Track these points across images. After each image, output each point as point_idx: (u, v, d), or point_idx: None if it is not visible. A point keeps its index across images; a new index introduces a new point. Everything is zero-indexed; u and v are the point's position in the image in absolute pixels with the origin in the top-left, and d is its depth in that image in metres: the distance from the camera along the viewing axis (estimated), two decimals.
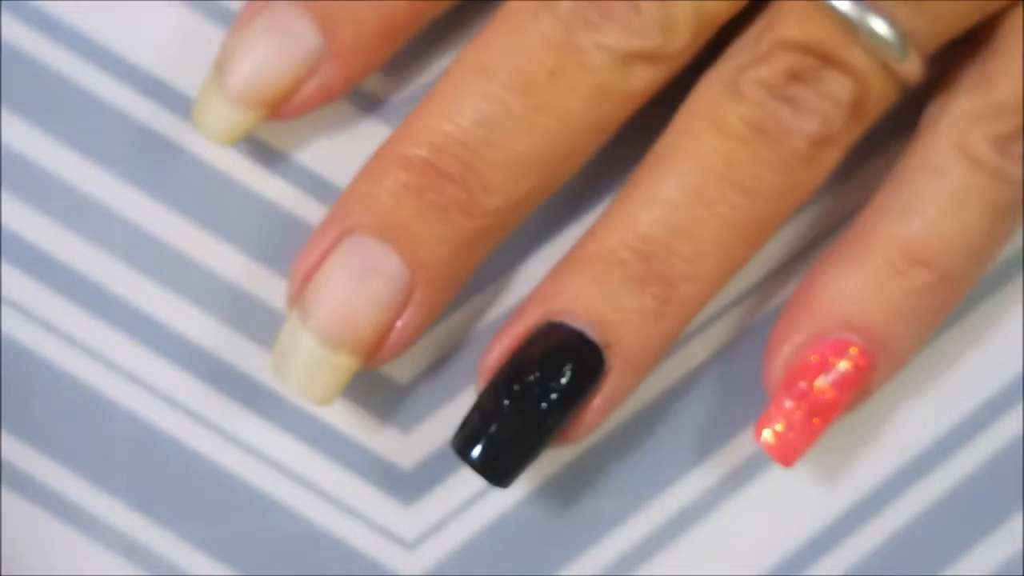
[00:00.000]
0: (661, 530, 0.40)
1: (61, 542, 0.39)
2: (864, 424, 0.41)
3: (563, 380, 0.37)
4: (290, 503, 0.40)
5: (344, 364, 0.38)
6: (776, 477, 0.41)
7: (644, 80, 0.37)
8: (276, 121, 0.39)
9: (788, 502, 0.40)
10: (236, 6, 0.41)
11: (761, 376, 0.38)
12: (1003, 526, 0.40)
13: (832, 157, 0.38)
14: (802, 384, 0.38)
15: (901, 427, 0.41)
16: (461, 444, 0.37)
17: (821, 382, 0.38)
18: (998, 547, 0.40)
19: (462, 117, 0.37)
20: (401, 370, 0.40)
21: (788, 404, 0.38)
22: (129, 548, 0.40)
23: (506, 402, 0.37)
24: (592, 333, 0.37)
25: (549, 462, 0.40)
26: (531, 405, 0.37)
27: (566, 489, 0.40)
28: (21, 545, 0.39)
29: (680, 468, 0.40)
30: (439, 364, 0.41)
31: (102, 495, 0.40)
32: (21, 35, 0.40)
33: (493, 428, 0.37)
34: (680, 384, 0.41)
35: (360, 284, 0.37)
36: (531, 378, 0.37)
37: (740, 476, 0.40)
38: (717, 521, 0.40)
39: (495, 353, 0.38)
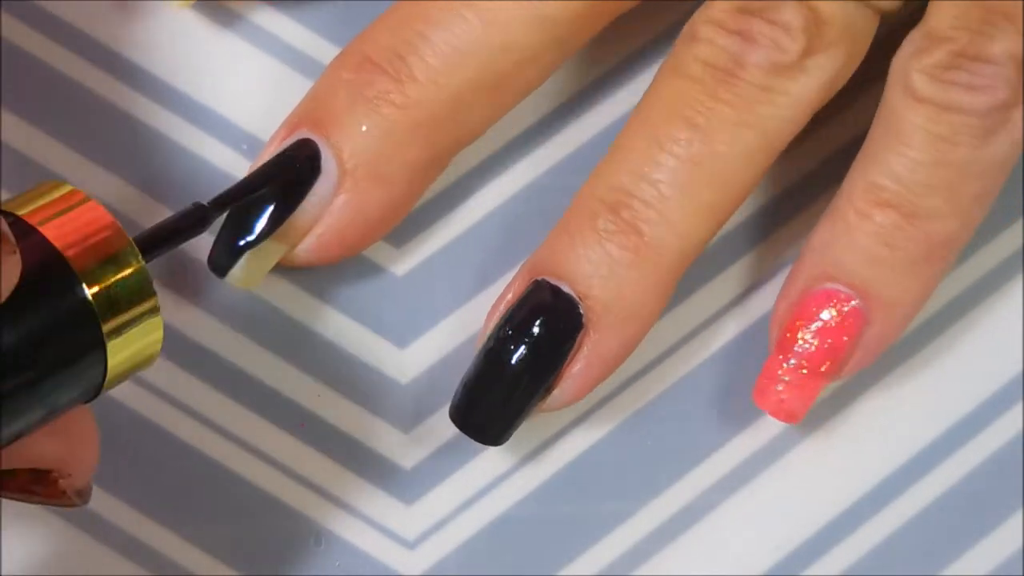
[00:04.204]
0: (661, 530, 0.40)
1: (62, 541, 0.39)
2: (864, 423, 0.41)
3: (536, 335, 0.38)
4: (291, 502, 0.40)
5: (267, 249, 0.38)
6: (775, 477, 0.41)
7: None
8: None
9: (787, 502, 0.40)
10: (234, 6, 0.41)
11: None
12: (1003, 525, 0.40)
13: (800, 88, 0.38)
14: (790, 338, 0.38)
15: (901, 426, 0.41)
16: (453, 411, 0.39)
17: (806, 333, 0.38)
18: (998, 546, 0.40)
19: (403, 10, 0.38)
20: (401, 370, 0.40)
21: (781, 360, 0.38)
22: (130, 547, 0.40)
23: (487, 362, 0.38)
24: (568, 288, 0.38)
25: (549, 461, 0.40)
26: (510, 363, 0.38)
27: (566, 489, 0.40)
28: (21, 544, 0.39)
29: (680, 468, 0.40)
30: (439, 364, 0.41)
31: (103, 494, 0.39)
32: (21, 35, 0.41)
33: (478, 390, 0.38)
34: (679, 384, 0.41)
35: None
36: (507, 336, 0.38)
37: (740, 475, 0.40)
38: (717, 521, 0.40)
39: (488, 319, 0.39)
